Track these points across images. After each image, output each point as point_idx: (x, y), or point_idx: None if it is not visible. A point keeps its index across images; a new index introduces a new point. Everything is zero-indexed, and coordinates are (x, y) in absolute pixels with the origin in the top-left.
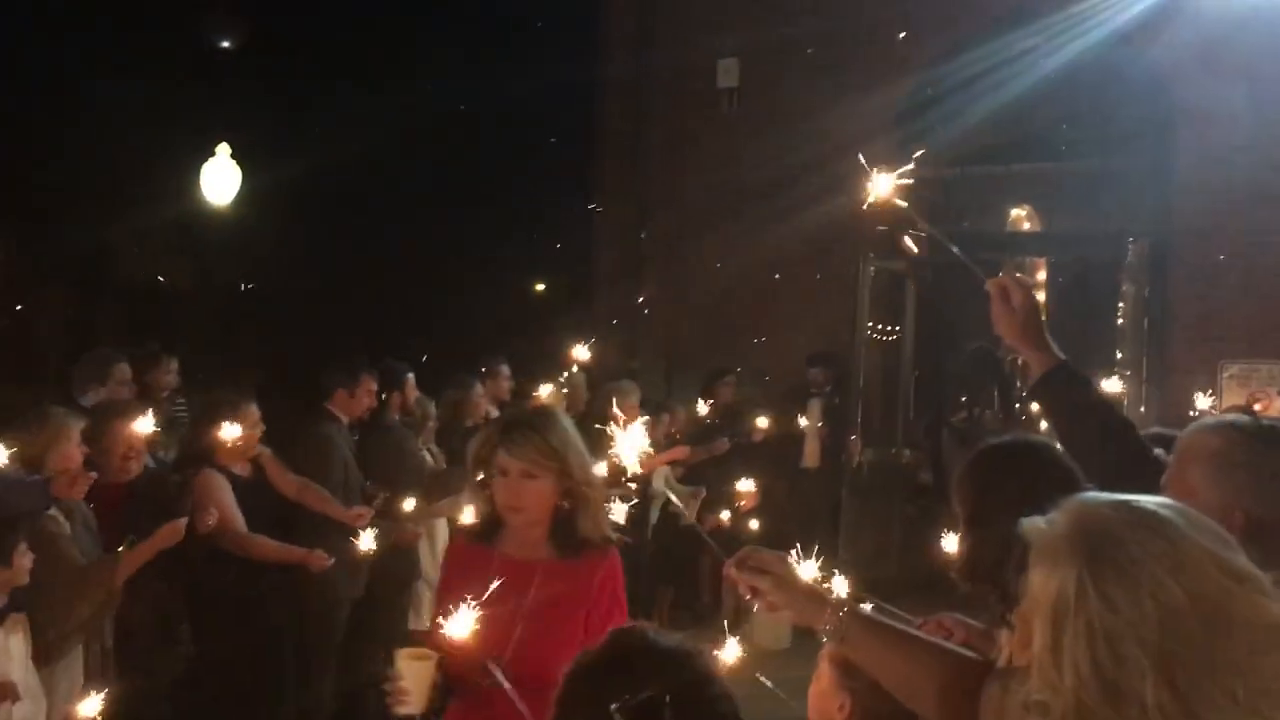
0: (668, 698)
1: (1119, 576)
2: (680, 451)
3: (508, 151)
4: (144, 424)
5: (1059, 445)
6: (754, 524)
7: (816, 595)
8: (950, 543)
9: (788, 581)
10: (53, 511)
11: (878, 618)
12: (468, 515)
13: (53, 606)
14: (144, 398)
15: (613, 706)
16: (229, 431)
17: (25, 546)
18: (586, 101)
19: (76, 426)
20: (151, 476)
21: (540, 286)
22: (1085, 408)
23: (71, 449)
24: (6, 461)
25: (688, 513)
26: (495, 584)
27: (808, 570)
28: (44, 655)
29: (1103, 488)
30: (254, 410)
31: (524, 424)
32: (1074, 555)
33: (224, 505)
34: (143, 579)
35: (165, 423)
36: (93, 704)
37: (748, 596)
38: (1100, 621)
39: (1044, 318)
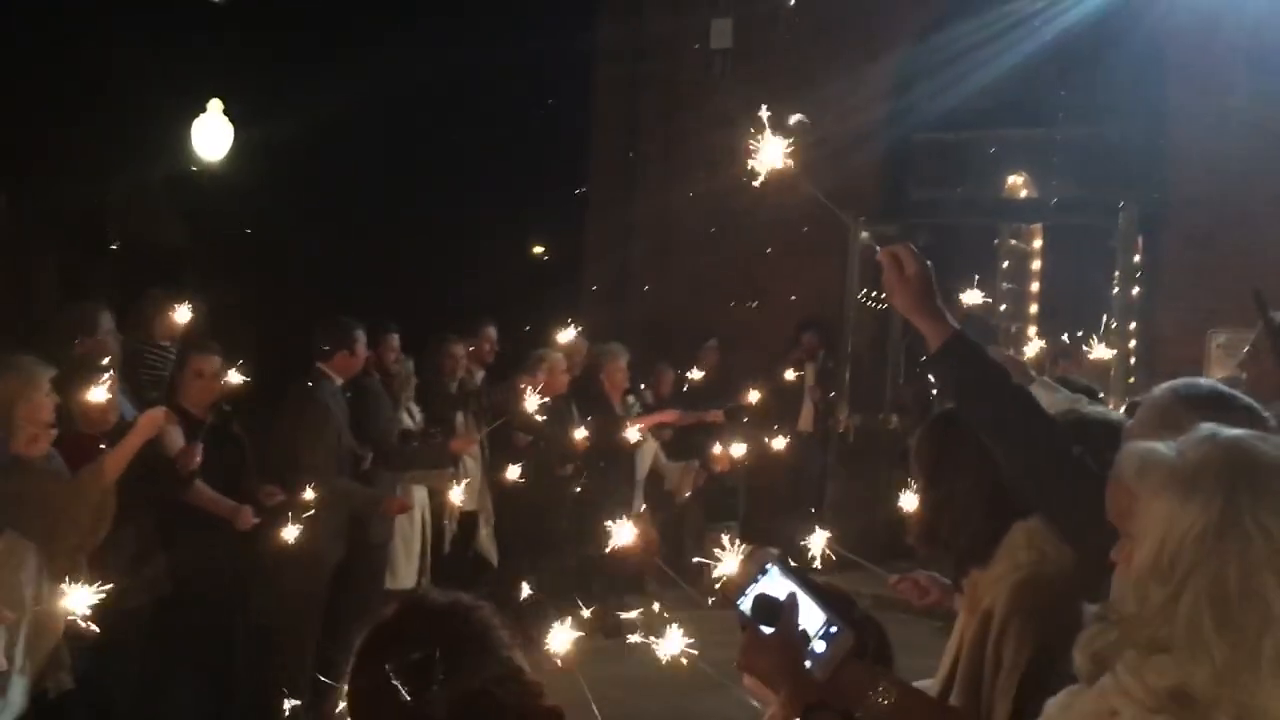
0: (438, 653)
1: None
2: (669, 415)
3: (502, 112)
4: (98, 393)
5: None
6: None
7: (861, 672)
8: (908, 503)
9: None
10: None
11: (916, 689)
12: (456, 494)
13: (53, 520)
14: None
15: (386, 667)
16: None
17: None
18: (580, 62)
19: (45, 377)
20: (124, 427)
21: (537, 250)
22: (981, 378)
23: (40, 399)
24: None
25: (682, 487)
26: None
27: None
28: (57, 572)
29: (1005, 455)
30: (215, 360)
31: None
32: (1219, 484)
33: (168, 445)
34: (122, 513)
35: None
36: (83, 596)
37: None
38: (1247, 550)
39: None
